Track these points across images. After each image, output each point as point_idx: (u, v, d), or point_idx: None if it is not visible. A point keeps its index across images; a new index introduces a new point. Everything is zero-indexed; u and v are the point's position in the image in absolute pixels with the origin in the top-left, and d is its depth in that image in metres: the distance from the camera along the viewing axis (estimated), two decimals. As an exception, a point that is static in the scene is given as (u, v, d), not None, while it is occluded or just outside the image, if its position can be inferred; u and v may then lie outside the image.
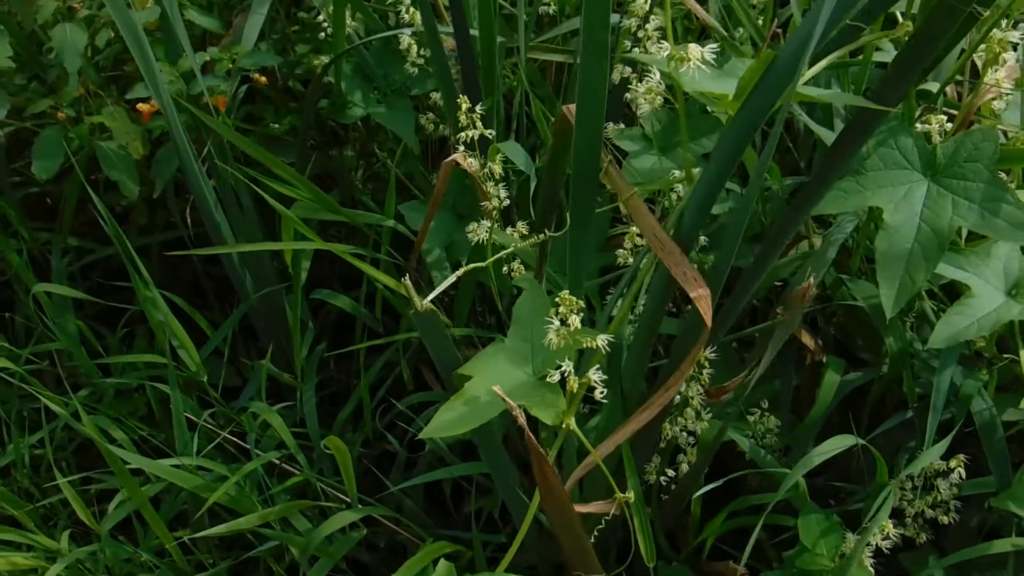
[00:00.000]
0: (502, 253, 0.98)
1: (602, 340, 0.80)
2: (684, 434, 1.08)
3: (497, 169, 1.14)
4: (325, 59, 1.39)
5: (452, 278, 0.90)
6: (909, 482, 1.02)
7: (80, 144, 1.32)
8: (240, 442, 1.33)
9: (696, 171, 0.84)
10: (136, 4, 1.34)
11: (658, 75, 0.82)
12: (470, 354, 1.28)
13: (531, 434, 0.81)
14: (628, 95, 1.00)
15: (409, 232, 1.29)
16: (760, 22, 1.28)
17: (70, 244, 1.51)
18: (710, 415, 1.07)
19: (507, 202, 1.15)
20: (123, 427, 1.39)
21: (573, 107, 0.91)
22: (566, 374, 0.81)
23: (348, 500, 1.24)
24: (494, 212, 1.16)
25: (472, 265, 0.95)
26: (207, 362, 1.42)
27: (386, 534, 1.34)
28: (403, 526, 1.28)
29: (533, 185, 1.03)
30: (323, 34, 1.40)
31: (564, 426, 0.83)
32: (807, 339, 1.18)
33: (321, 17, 1.37)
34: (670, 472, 1.11)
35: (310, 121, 1.38)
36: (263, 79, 1.38)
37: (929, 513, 1.02)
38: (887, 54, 1.12)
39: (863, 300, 1.08)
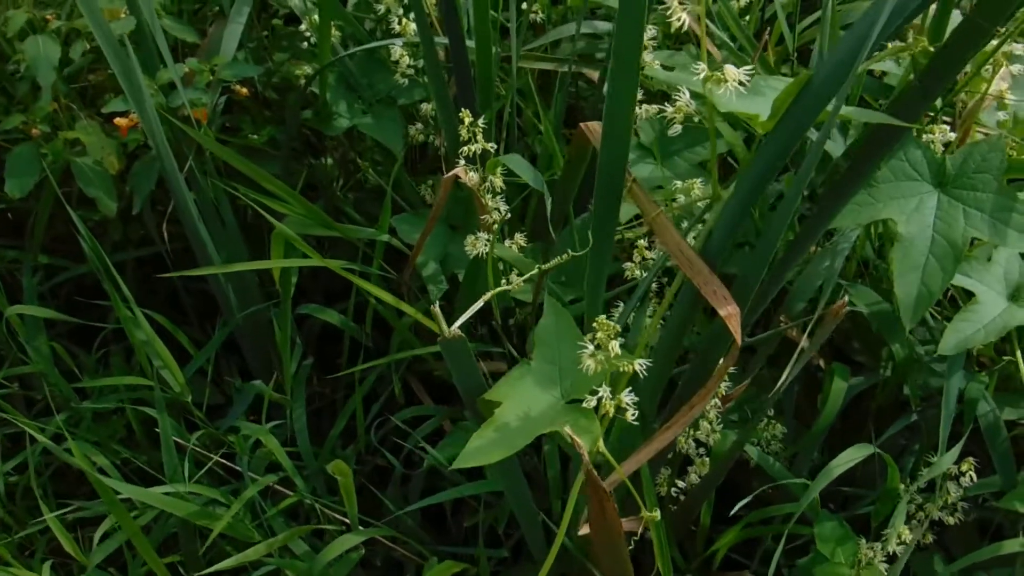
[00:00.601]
0: (524, 279, 0.94)
1: (640, 365, 0.78)
2: (694, 444, 1.08)
3: (498, 183, 1.11)
4: (308, 69, 1.34)
5: (479, 303, 0.87)
6: (914, 484, 1.03)
7: (54, 160, 1.25)
8: (229, 464, 1.28)
9: (726, 191, 0.82)
10: (108, 14, 1.28)
11: (687, 95, 0.80)
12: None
13: (594, 472, 0.79)
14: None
15: (402, 244, 1.25)
16: (746, 20, 1.28)
17: (40, 262, 1.43)
18: (721, 426, 1.07)
19: (508, 215, 1.13)
20: (104, 451, 1.33)
21: (593, 125, 0.89)
22: (603, 399, 0.79)
23: (346, 521, 1.20)
24: (494, 226, 1.14)
25: (498, 289, 0.92)
26: (190, 381, 1.36)
27: (383, 551, 1.30)
28: (400, 543, 1.25)
29: (549, 204, 1.00)
30: (305, 43, 1.35)
31: (595, 448, 0.81)
32: (797, 334, 1.17)
33: (303, 26, 1.32)
34: (680, 483, 1.10)
35: (294, 132, 1.33)
36: (244, 90, 1.33)
37: (936, 515, 1.03)
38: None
39: (865, 306, 1.08)
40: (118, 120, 1.26)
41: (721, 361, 0.87)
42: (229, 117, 1.43)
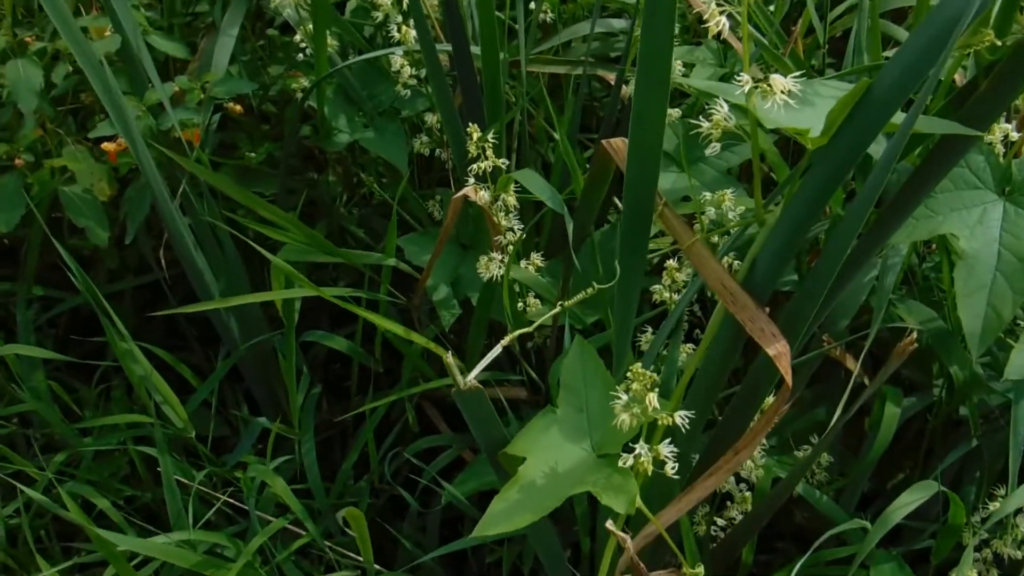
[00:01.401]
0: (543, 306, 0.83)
1: (681, 418, 0.67)
2: (734, 479, 0.97)
3: (511, 201, 1.00)
4: (304, 82, 1.23)
5: (497, 349, 0.76)
6: (981, 521, 0.92)
7: (41, 190, 1.15)
8: (236, 502, 1.18)
9: (770, 212, 0.71)
10: (95, 32, 1.17)
11: (726, 107, 0.68)
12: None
13: (638, 562, 0.68)
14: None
15: (410, 268, 1.14)
16: (771, 9, 1.16)
17: (35, 294, 1.33)
18: (763, 459, 0.96)
19: (523, 235, 1.02)
20: (106, 490, 1.24)
21: (616, 144, 0.77)
22: (639, 458, 0.68)
23: (361, 564, 1.10)
24: (509, 247, 1.02)
25: (516, 332, 0.81)
26: (193, 414, 1.26)
27: (401, 590, 1.20)
28: (419, 582, 1.15)
29: (571, 229, 0.89)
30: (301, 55, 1.23)
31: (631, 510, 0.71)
32: (851, 362, 1.06)
33: (298, 37, 1.21)
34: (719, 521, 0.99)
35: (292, 150, 1.22)
36: (238, 108, 1.22)
37: (1005, 552, 0.92)
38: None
39: (919, 324, 0.96)
40: (106, 145, 1.16)
41: (770, 400, 0.75)
42: (224, 134, 1.33)
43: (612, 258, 1.12)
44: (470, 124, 0.96)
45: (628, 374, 0.66)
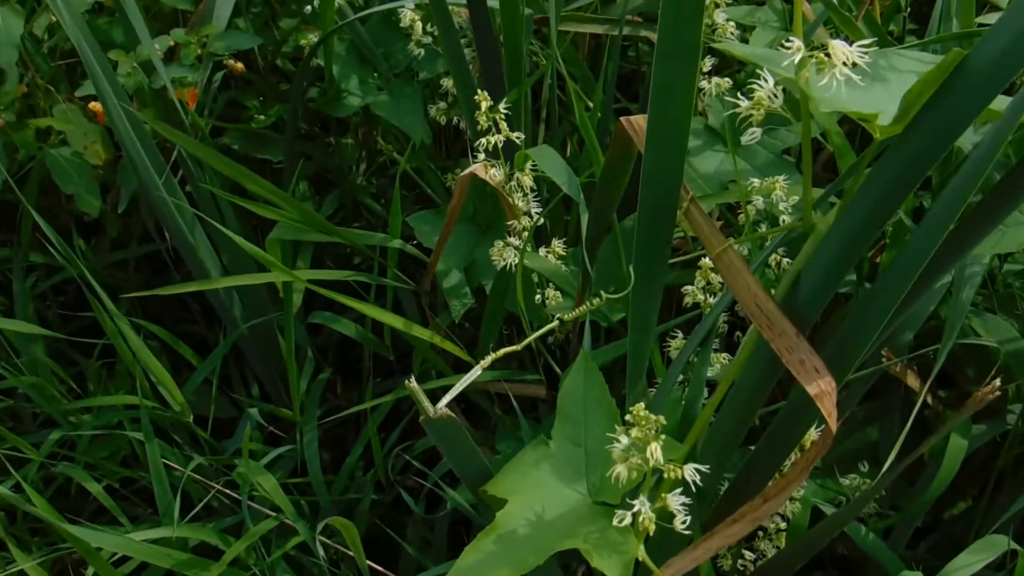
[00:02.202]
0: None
1: (691, 471, 0.53)
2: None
3: (527, 181, 0.86)
4: (314, 37, 1.09)
5: (469, 378, 0.62)
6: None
7: (25, 153, 1.04)
8: (233, 494, 1.07)
9: (821, 216, 0.55)
10: (82, -22, 1.05)
11: (771, 81, 0.53)
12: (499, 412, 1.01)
13: None
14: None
15: (419, 251, 1.01)
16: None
17: (35, 261, 1.24)
18: (801, 491, 0.81)
19: (540, 220, 0.87)
20: (104, 472, 1.15)
21: (637, 121, 0.62)
22: (639, 515, 0.54)
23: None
24: (524, 233, 0.88)
25: (529, 338, 0.67)
26: (198, 394, 1.16)
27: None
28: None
29: (585, 220, 0.74)
30: (309, 6, 1.10)
31: None
32: (912, 380, 0.90)
33: (307, -14, 1.08)
34: (748, 554, 0.85)
35: (297, 114, 1.09)
36: (239, 65, 1.09)
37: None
38: None
39: (998, 343, 0.80)
40: (93, 105, 1.04)
41: (811, 444, 0.60)
42: (234, 93, 1.20)
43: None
44: (479, 91, 0.81)
45: (629, 416, 0.52)
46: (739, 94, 0.54)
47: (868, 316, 0.54)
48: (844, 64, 0.46)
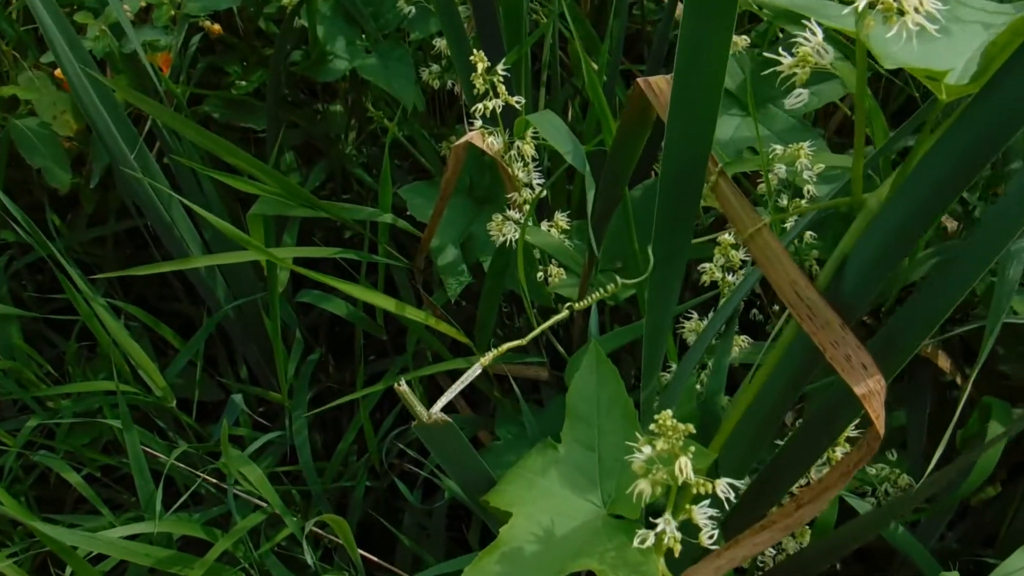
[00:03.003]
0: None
1: (724, 487, 0.45)
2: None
3: (528, 150, 0.77)
4: (296, -4, 1.00)
5: (465, 380, 0.54)
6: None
7: (-12, 123, 0.95)
8: (220, 483, 1.00)
9: (873, 195, 0.47)
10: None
11: (820, 34, 0.44)
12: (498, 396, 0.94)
13: None
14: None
15: (411, 226, 0.93)
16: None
17: (7, 239, 1.15)
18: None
19: (542, 191, 0.79)
20: (84, 460, 1.07)
21: (658, 83, 0.53)
22: (662, 534, 0.46)
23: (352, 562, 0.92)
24: (526, 206, 0.80)
25: (535, 332, 0.58)
26: (181, 373, 1.08)
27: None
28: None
29: (591, 195, 0.66)
30: (291, -37, 1.00)
31: None
32: (943, 361, 0.82)
33: (287, -60, 0.98)
34: (770, 551, 0.78)
35: (280, 79, 1.00)
36: (216, 27, 0.99)
37: None
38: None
39: (1044, 323, 0.72)
40: (60, 72, 0.95)
41: (854, 447, 0.53)
42: (214, 58, 1.11)
43: (652, 220, 0.88)
44: (475, 51, 0.72)
45: (654, 425, 0.44)
46: (780, 50, 0.46)
47: (927, 305, 0.46)
48: (917, 12, 0.37)
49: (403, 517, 1.04)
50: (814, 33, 0.44)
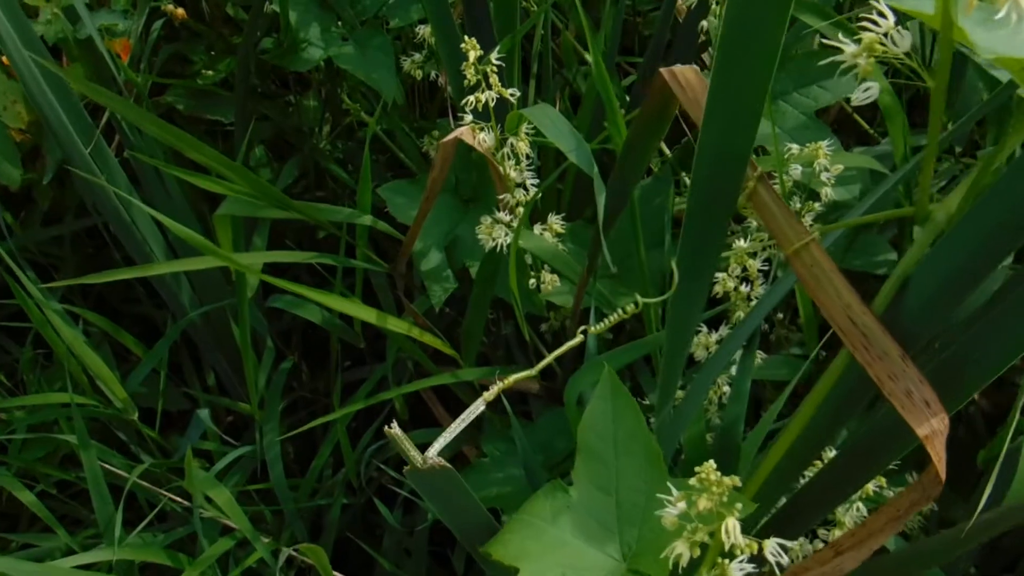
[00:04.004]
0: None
1: (773, 548, 0.38)
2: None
3: (523, 147, 0.69)
4: (267, -21, 0.91)
5: (468, 417, 0.46)
6: None
7: (-73, 114, 0.85)
8: (185, 502, 0.91)
9: (941, 206, 0.39)
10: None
11: (892, 18, 0.37)
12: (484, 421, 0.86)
13: None
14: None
15: (392, 228, 0.84)
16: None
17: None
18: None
19: (538, 192, 0.71)
20: (38, 475, 0.98)
21: (684, 73, 0.46)
22: (702, 601, 0.39)
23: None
24: (518, 208, 0.72)
25: (533, 370, 0.50)
26: (145, 382, 0.99)
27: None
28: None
29: (601, 200, 0.58)
30: (262, -58, 0.91)
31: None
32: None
33: (256, -83, 0.89)
34: None
35: (249, 68, 0.91)
36: (180, 11, 0.90)
37: None
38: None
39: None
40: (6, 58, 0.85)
41: (906, 489, 0.45)
42: (179, 45, 1.01)
43: (656, 218, 0.81)
44: (467, 38, 0.64)
45: (696, 480, 0.36)
46: (840, 35, 0.38)
47: (1011, 331, 0.39)
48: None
49: (383, 533, 0.96)
50: (885, 17, 0.36)
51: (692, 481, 0.36)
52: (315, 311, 0.93)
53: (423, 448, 0.97)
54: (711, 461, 0.35)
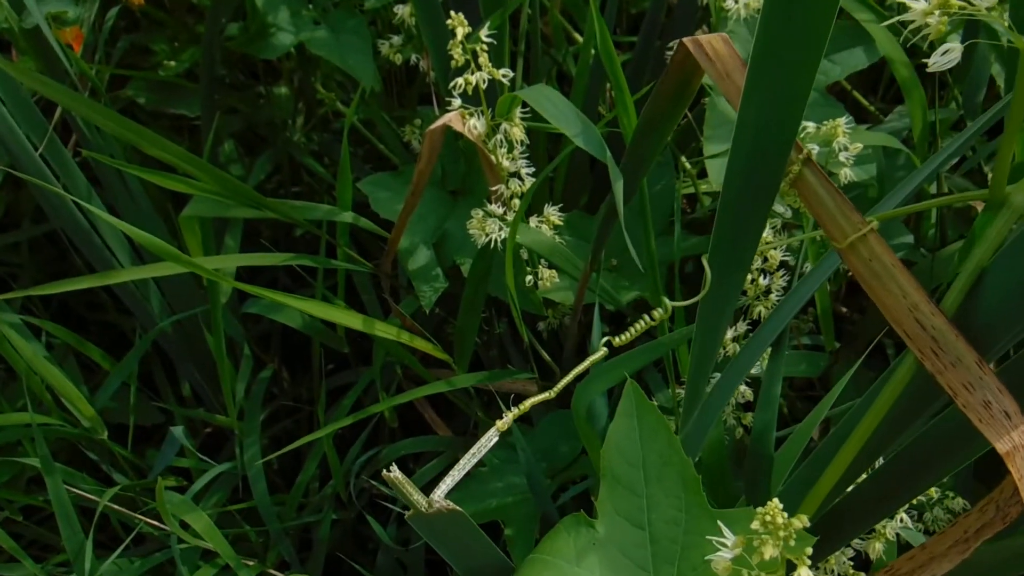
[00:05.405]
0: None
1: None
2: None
3: (518, 134, 0.63)
4: (230, -40, 0.84)
5: (478, 452, 0.39)
6: None
7: None
8: (162, 525, 0.84)
9: (1018, 188, 0.33)
10: None
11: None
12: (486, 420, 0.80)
13: None
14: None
15: (373, 224, 0.78)
16: None
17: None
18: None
19: (536, 183, 0.65)
20: (1, 502, 0.91)
21: (713, 42, 0.39)
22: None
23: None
24: (514, 201, 0.66)
25: (528, 403, 0.44)
26: (115, 396, 0.92)
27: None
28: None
29: (619, 188, 0.52)
30: (222, -79, 0.84)
31: None
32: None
33: None
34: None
35: (214, 58, 0.84)
36: (137, -2, 0.83)
37: None
38: None
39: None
40: (-54, 50, 0.78)
41: (977, 510, 0.40)
42: (139, 36, 0.94)
43: (661, 205, 0.75)
44: (453, 14, 0.58)
45: (758, 522, 0.30)
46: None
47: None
48: None
49: (376, 548, 0.90)
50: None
51: (756, 524, 0.30)
52: (295, 315, 0.86)
53: (416, 458, 0.91)
54: (777, 502, 0.30)
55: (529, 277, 0.72)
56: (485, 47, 0.59)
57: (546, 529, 0.76)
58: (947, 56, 0.31)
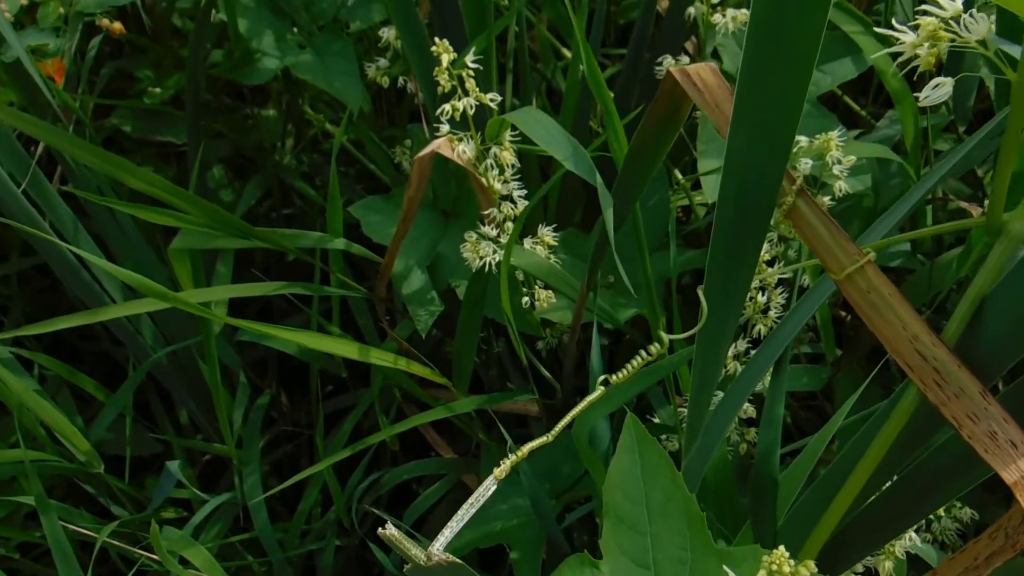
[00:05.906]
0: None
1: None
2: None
3: (508, 157, 0.62)
4: (213, -16, 0.83)
5: (475, 506, 0.39)
6: None
7: None
8: (158, 560, 0.84)
9: (1016, 215, 0.33)
10: None
11: (959, 1, 0.30)
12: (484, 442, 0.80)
13: None
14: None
15: (365, 249, 0.77)
16: None
17: None
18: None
19: (530, 207, 0.65)
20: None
21: (700, 72, 0.39)
22: None
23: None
24: (505, 223, 0.65)
25: (529, 445, 0.43)
26: (111, 427, 0.91)
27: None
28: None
29: (609, 214, 0.51)
30: (203, -54, 0.83)
31: None
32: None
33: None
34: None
35: (199, 83, 0.83)
36: (117, 25, 0.82)
37: None
38: None
39: None
40: (-73, 87, 0.77)
41: (985, 538, 0.39)
42: (123, 63, 0.93)
43: (655, 221, 0.75)
44: (437, 40, 0.57)
45: (764, 572, 0.30)
46: (893, 22, 0.32)
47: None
48: None
49: (381, 572, 0.89)
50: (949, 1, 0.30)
51: (741, 550, 0.30)
52: (291, 344, 0.85)
53: (419, 481, 0.90)
54: (783, 550, 0.29)
55: (525, 299, 0.72)
56: (471, 72, 0.58)
57: (552, 551, 0.75)
58: (938, 90, 0.31)
